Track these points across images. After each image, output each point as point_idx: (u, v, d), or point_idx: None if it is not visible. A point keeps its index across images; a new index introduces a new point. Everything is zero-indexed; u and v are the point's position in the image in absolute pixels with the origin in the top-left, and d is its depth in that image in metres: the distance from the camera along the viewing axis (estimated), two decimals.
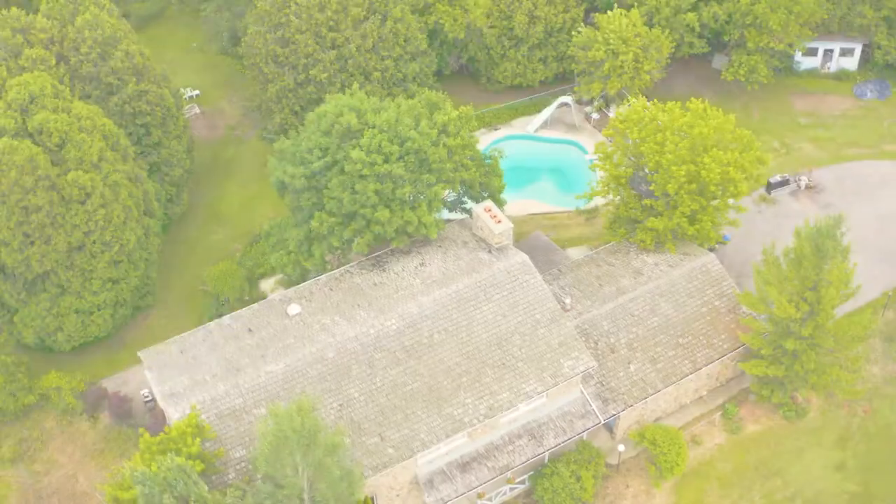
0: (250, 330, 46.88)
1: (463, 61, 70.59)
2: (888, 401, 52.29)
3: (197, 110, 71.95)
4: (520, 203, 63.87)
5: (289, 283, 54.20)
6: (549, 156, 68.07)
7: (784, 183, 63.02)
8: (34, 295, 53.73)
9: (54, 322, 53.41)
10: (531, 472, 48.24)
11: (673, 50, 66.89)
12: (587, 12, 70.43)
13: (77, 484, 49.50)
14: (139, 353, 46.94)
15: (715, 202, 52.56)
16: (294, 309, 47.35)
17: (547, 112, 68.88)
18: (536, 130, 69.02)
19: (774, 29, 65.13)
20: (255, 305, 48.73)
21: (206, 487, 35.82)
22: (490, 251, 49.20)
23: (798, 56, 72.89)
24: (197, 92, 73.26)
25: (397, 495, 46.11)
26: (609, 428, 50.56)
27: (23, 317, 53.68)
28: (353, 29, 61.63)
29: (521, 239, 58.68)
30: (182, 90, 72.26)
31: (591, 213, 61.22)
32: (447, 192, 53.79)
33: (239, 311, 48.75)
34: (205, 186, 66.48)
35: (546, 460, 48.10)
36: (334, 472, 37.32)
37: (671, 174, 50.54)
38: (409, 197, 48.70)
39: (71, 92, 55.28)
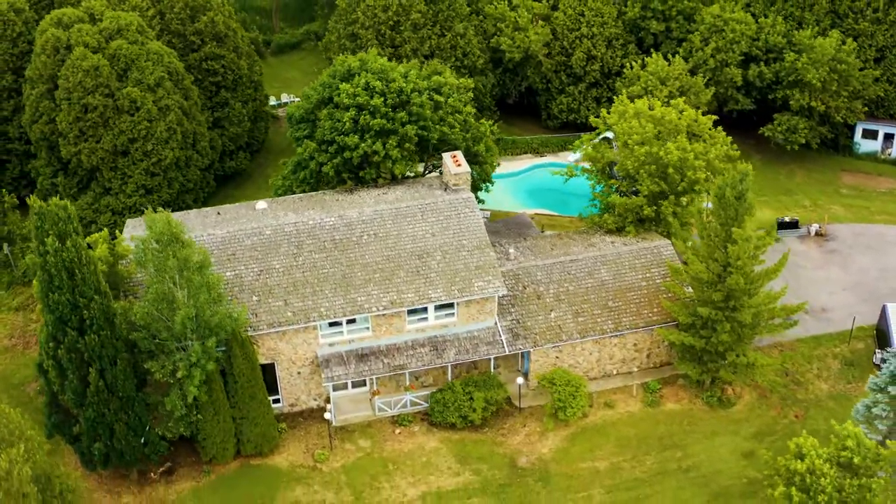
0: (219, 213, 53.23)
1: (522, 89, 76.14)
2: (825, 412, 50.20)
3: None
4: (534, 210, 67.67)
5: None
6: (579, 182, 71.25)
7: (793, 225, 63.10)
8: (83, 193, 63.04)
9: (91, 216, 62.05)
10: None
11: (713, 100, 69.49)
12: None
13: None
14: (126, 220, 54.14)
15: (683, 195, 54.24)
16: (261, 205, 53.40)
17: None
18: (577, 161, 72.71)
19: (814, 85, 66.52)
20: (236, 204, 55.23)
21: (87, 246, 41.65)
22: (446, 190, 53.38)
23: (858, 138, 73.22)
24: (297, 99, 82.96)
25: (298, 372, 49.63)
26: (525, 375, 51.89)
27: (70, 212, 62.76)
28: (412, 31, 69.28)
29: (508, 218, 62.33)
30: (284, 95, 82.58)
31: None
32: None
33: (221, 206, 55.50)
34: (270, 161, 74.88)
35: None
36: (199, 287, 42.20)
37: (632, 152, 53.29)
38: (381, 129, 54.08)
39: (158, 37, 65.87)
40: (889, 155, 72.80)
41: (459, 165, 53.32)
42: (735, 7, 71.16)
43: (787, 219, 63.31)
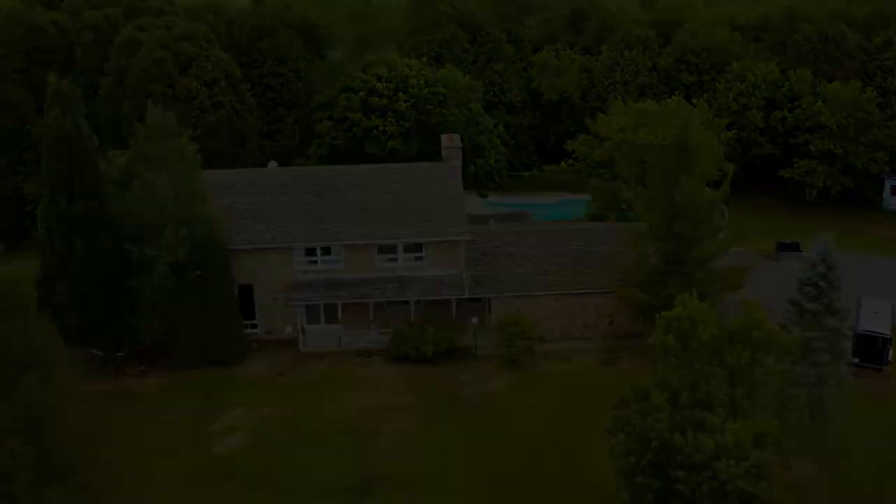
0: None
1: (560, 133, 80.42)
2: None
3: None
4: None
5: None
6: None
7: (793, 247, 63.72)
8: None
9: None
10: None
11: (737, 145, 71.94)
12: None
13: None
14: None
15: None
16: (273, 164, 59.34)
17: None
18: None
19: (831, 127, 68.20)
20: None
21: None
22: None
23: (886, 194, 73.65)
24: None
25: (275, 299, 53.57)
26: (489, 328, 54.06)
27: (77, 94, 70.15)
28: (454, 64, 75.51)
29: None
30: None
31: None
32: None
33: None
34: None
35: None
36: (182, 176, 47.79)
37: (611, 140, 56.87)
38: (382, 108, 59.91)
39: (225, 51, 74.54)
40: None
41: (452, 141, 57.87)
42: (768, 65, 74.47)
43: (788, 241, 64.08)
